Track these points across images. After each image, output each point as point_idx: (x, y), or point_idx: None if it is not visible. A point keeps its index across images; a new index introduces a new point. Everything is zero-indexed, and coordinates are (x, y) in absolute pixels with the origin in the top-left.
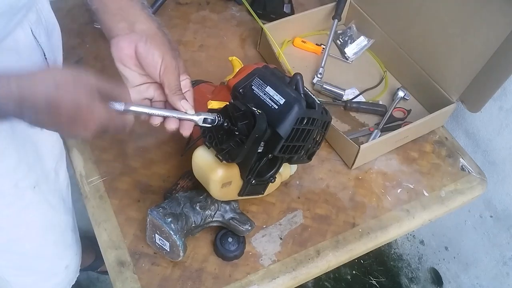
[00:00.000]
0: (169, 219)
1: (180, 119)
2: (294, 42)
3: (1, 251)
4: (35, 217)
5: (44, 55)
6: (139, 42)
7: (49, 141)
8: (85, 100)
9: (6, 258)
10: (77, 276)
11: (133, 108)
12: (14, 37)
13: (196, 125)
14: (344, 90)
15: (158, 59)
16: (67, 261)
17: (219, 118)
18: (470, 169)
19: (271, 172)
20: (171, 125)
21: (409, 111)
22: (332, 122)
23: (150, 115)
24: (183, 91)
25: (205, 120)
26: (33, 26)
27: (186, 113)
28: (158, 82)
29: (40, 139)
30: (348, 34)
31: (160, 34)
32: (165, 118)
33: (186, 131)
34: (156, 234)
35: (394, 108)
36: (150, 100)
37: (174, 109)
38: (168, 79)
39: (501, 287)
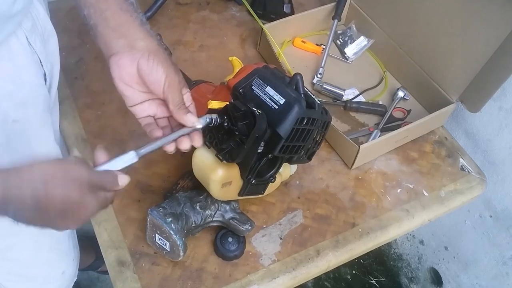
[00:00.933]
0: (169, 219)
1: (188, 134)
2: (294, 42)
3: None
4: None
5: (40, 62)
6: (141, 59)
7: (44, 148)
8: (76, 195)
9: (2, 265)
10: (75, 280)
11: (143, 152)
12: (8, 46)
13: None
14: (344, 90)
15: (162, 75)
16: (63, 267)
17: (216, 120)
18: (470, 169)
19: (271, 172)
20: (185, 146)
21: (409, 111)
22: (332, 122)
23: (161, 147)
24: (186, 105)
25: (207, 123)
26: (28, 34)
27: (194, 126)
28: (160, 99)
29: (36, 146)
30: (348, 34)
31: (161, 49)
32: (176, 140)
33: (197, 142)
34: (156, 234)
35: (394, 108)
36: (153, 117)
37: (179, 124)
38: (173, 94)
39: (501, 287)
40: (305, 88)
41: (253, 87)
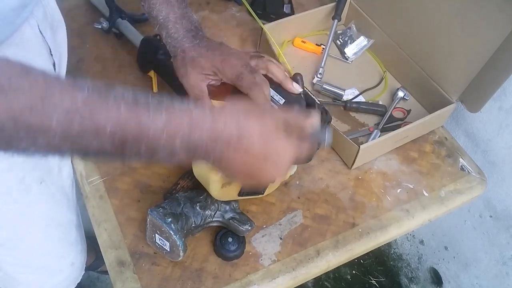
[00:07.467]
0: (169, 219)
1: None
2: (294, 42)
3: (7, 248)
4: (40, 213)
5: (50, 52)
6: (208, 78)
7: None
8: (273, 127)
9: (12, 255)
10: (83, 273)
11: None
12: (21, 32)
13: None
14: (344, 90)
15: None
16: (72, 258)
17: None
18: (470, 169)
19: None
20: None
21: (409, 111)
22: (332, 122)
23: None
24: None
25: None
26: (39, 22)
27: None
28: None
29: None
30: (348, 34)
31: (217, 52)
32: None
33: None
34: (156, 234)
35: (394, 108)
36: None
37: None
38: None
39: (501, 287)
40: (305, 88)
41: None
